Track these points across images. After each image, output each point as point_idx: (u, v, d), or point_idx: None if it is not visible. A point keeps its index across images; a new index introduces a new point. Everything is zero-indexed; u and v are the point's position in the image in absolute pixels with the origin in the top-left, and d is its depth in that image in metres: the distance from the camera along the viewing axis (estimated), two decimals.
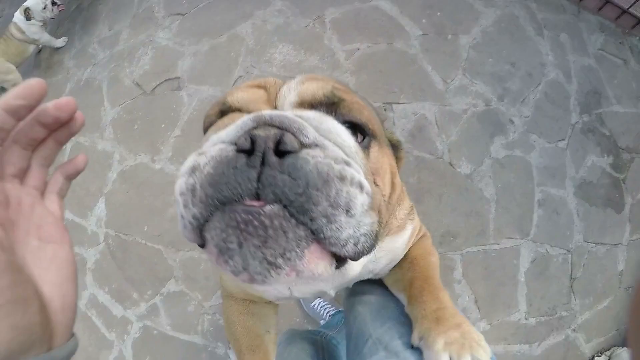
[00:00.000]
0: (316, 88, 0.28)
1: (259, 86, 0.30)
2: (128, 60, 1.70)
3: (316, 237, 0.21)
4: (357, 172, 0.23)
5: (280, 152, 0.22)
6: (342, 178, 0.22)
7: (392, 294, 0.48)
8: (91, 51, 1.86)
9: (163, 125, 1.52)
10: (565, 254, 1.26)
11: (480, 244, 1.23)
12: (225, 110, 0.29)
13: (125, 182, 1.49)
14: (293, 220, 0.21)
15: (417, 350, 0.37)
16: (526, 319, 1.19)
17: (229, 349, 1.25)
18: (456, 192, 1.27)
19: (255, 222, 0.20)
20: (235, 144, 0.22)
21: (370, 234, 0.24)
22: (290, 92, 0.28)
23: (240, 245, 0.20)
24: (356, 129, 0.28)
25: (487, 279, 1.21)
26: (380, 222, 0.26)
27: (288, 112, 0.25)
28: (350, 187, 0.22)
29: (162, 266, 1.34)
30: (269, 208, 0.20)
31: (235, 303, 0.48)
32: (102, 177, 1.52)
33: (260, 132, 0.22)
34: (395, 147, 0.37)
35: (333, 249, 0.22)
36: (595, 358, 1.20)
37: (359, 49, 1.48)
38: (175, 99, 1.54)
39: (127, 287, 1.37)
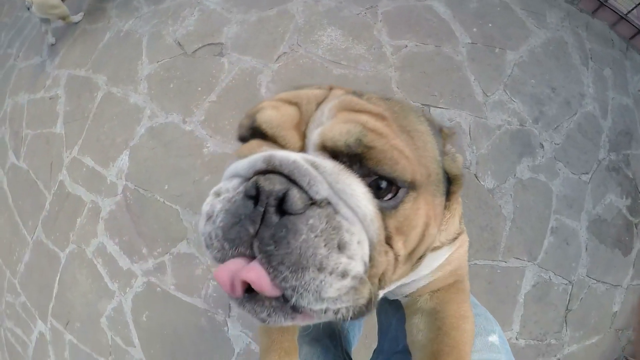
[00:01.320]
0: (339, 133, 0.24)
1: (292, 102, 0.28)
2: (172, 18, 1.69)
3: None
4: (350, 258, 0.23)
5: (283, 210, 0.23)
6: (321, 268, 0.22)
7: None
8: (135, 4, 1.84)
9: (199, 89, 1.51)
10: (566, 284, 1.28)
11: (489, 259, 1.25)
12: (255, 128, 0.28)
13: (152, 139, 1.49)
14: (281, 300, 0.23)
15: None
16: (516, 339, 1.22)
17: (228, 317, 1.28)
18: (476, 205, 1.29)
19: (256, 298, 0.24)
20: (244, 185, 0.24)
21: (354, 306, 0.24)
22: (315, 130, 0.26)
23: (242, 303, 0.25)
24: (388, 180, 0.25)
25: (488, 294, 1.24)
26: (382, 281, 0.27)
27: (302, 160, 0.24)
28: (327, 277, 0.22)
29: (177, 226, 1.36)
30: (268, 290, 0.22)
31: None
32: (130, 130, 1.52)
33: (266, 184, 0.23)
34: (451, 179, 0.32)
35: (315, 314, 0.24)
36: None
37: (406, 47, 1.47)
38: (215, 64, 1.53)
39: (137, 242, 1.39)
